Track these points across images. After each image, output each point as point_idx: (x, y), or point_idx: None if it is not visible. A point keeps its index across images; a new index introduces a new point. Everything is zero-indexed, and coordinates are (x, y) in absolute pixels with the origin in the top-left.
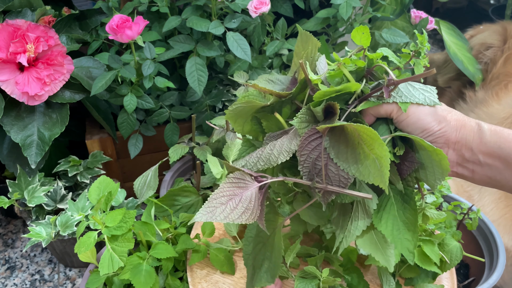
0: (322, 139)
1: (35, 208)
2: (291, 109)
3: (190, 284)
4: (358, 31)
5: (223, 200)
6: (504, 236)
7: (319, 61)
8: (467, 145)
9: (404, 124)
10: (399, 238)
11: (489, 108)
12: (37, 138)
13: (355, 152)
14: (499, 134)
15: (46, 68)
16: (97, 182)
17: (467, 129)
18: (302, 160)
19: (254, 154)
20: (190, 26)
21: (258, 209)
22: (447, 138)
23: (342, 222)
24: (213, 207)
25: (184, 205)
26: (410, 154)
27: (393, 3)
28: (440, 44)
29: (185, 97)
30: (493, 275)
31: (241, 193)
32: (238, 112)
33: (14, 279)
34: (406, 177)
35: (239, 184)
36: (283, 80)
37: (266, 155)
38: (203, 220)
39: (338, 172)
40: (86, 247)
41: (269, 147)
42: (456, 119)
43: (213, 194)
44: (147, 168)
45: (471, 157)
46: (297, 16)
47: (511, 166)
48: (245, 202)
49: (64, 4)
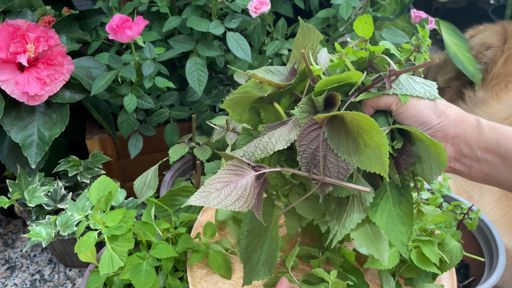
0: (321, 129)
1: (35, 208)
2: (290, 99)
3: (190, 284)
4: (361, 20)
5: (218, 186)
6: (504, 236)
7: (320, 53)
8: (465, 140)
9: (404, 116)
10: (393, 230)
11: (489, 108)
12: (37, 138)
13: (356, 142)
14: (497, 130)
15: (46, 68)
16: (97, 182)
17: (466, 124)
18: (301, 151)
19: (252, 144)
20: (190, 26)
21: (253, 198)
22: (446, 132)
23: (337, 214)
24: (208, 192)
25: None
26: (407, 147)
27: (393, 3)
28: (440, 44)
29: (185, 97)
30: (493, 275)
31: (237, 180)
32: (235, 102)
33: (14, 279)
34: (403, 171)
35: (237, 172)
36: (282, 71)
37: (263, 144)
38: (197, 204)
39: (337, 163)
40: (86, 247)
41: (267, 136)
42: (456, 114)
43: (209, 179)
44: (147, 168)
45: (469, 152)
46: (297, 16)
47: (508, 162)
48: (240, 190)
49: (64, 4)
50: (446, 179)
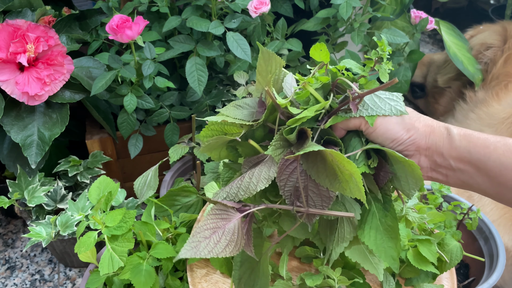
0: (298, 162)
1: (35, 208)
2: (264, 131)
3: (190, 284)
4: (315, 48)
5: (206, 233)
6: (504, 236)
7: (285, 80)
8: (437, 150)
9: (374, 135)
10: (383, 247)
11: (489, 108)
12: (37, 138)
13: (333, 169)
14: (468, 138)
15: (46, 68)
16: (97, 182)
17: (436, 134)
18: (282, 185)
19: (234, 184)
20: (190, 26)
21: (242, 240)
22: (418, 145)
23: (329, 234)
24: (197, 241)
25: (184, 205)
26: (383, 164)
27: (393, 3)
28: (440, 44)
29: (185, 97)
30: (493, 275)
31: (224, 225)
32: (211, 146)
33: (14, 279)
34: (383, 186)
35: (222, 216)
36: (250, 104)
37: (245, 184)
38: (187, 257)
39: (319, 191)
40: (86, 247)
41: (248, 176)
42: (424, 125)
43: (197, 227)
44: (147, 168)
45: (443, 162)
46: (297, 16)
47: (481, 171)
48: (228, 235)
49: (64, 4)
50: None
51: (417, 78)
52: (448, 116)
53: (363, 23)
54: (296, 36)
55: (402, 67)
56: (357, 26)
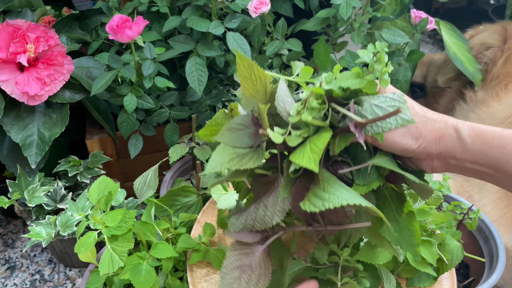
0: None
1: (35, 208)
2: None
3: (190, 284)
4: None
5: (235, 273)
6: (504, 236)
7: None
8: (449, 154)
9: (382, 147)
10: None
11: (489, 108)
12: (37, 138)
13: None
14: (481, 139)
15: (46, 68)
16: (97, 182)
17: (446, 139)
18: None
19: (249, 216)
20: (190, 26)
21: (269, 268)
22: (428, 152)
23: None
24: (229, 284)
25: (184, 205)
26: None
27: (393, 3)
28: (440, 44)
29: (185, 97)
30: (493, 275)
31: (250, 261)
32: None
33: (14, 279)
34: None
35: (245, 251)
36: (245, 123)
37: (260, 217)
38: None
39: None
40: (86, 247)
41: (261, 209)
42: (432, 131)
43: (223, 267)
44: (147, 168)
45: (457, 163)
46: (297, 16)
47: (500, 171)
48: (256, 270)
49: (64, 4)
50: (446, 179)
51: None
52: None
53: (363, 23)
54: (296, 36)
55: (402, 67)
56: (357, 26)
